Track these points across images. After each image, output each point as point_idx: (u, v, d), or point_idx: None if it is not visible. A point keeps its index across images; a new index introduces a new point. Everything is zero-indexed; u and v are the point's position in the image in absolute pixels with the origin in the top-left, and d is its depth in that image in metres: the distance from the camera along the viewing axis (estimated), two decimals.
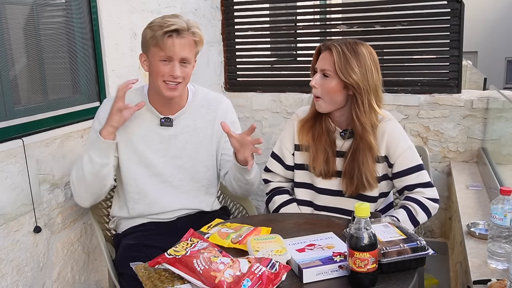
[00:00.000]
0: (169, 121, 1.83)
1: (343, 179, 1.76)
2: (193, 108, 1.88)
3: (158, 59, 1.70)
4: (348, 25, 3.19)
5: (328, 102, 1.71)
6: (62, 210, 2.05)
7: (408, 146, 1.75)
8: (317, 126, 1.80)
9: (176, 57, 1.70)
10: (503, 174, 2.24)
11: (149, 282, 1.25)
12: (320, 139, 1.79)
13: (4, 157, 1.77)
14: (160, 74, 1.71)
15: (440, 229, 3.10)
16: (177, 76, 1.71)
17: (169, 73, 1.71)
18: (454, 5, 2.85)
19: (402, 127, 2.53)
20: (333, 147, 1.79)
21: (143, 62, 1.78)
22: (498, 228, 1.41)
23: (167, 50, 1.68)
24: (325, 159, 1.78)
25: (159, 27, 1.68)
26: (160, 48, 1.68)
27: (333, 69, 1.66)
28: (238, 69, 3.50)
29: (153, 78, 1.76)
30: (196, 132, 1.88)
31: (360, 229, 1.18)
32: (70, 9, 2.16)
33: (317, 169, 1.79)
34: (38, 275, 1.94)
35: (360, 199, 1.76)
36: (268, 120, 3.38)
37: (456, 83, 2.93)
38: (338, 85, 1.67)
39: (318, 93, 1.70)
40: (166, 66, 1.71)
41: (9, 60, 1.87)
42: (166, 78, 1.72)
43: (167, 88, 1.73)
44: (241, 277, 1.15)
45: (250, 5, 3.40)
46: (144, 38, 1.74)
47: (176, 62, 1.70)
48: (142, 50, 1.78)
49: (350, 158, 1.73)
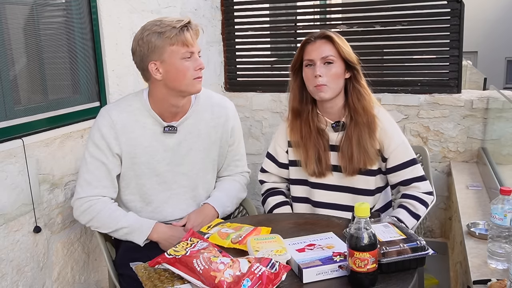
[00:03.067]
0: (173, 129, 1.77)
1: (341, 157, 1.75)
2: (196, 114, 1.82)
3: (181, 57, 1.64)
4: (348, 25, 3.19)
5: (333, 87, 1.71)
6: (62, 210, 2.05)
7: (402, 141, 1.76)
8: (304, 125, 1.80)
9: (196, 49, 1.67)
10: (503, 174, 2.24)
11: (149, 282, 1.25)
12: (310, 137, 1.78)
13: (4, 157, 1.77)
14: (187, 72, 1.65)
15: (440, 229, 3.10)
16: (203, 67, 1.69)
17: (196, 67, 1.66)
18: (454, 5, 2.85)
19: (402, 127, 2.52)
20: (325, 142, 1.78)
21: (155, 71, 1.66)
22: (498, 228, 1.41)
23: (189, 44, 1.63)
24: (316, 158, 1.77)
25: (171, 27, 1.61)
26: (181, 44, 1.62)
27: (336, 54, 1.70)
28: (238, 69, 3.50)
29: (178, 79, 1.66)
30: (199, 138, 1.84)
31: (360, 229, 1.18)
32: (70, 9, 2.16)
33: (309, 169, 1.79)
34: (38, 275, 1.94)
35: (357, 193, 1.78)
36: (268, 120, 3.38)
37: (456, 83, 2.93)
38: (342, 68, 1.72)
39: (324, 81, 1.69)
40: (190, 62, 1.66)
41: (9, 60, 1.87)
42: (194, 74, 1.67)
43: (197, 82, 1.69)
44: (241, 277, 1.15)
45: (250, 5, 3.40)
46: (153, 44, 1.62)
47: (197, 55, 1.68)
48: (151, 58, 1.64)
49: (346, 133, 1.74)
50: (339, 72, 1.71)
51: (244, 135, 2.07)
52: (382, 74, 3.10)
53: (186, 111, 1.80)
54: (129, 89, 2.44)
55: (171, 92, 1.70)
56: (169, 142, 1.79)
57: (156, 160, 1.78)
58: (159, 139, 1.77)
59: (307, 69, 1.74)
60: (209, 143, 1.87)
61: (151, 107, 1.75)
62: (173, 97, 1.72)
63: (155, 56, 1.65)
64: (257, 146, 3.42)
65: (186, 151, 1.82)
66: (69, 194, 2.08)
